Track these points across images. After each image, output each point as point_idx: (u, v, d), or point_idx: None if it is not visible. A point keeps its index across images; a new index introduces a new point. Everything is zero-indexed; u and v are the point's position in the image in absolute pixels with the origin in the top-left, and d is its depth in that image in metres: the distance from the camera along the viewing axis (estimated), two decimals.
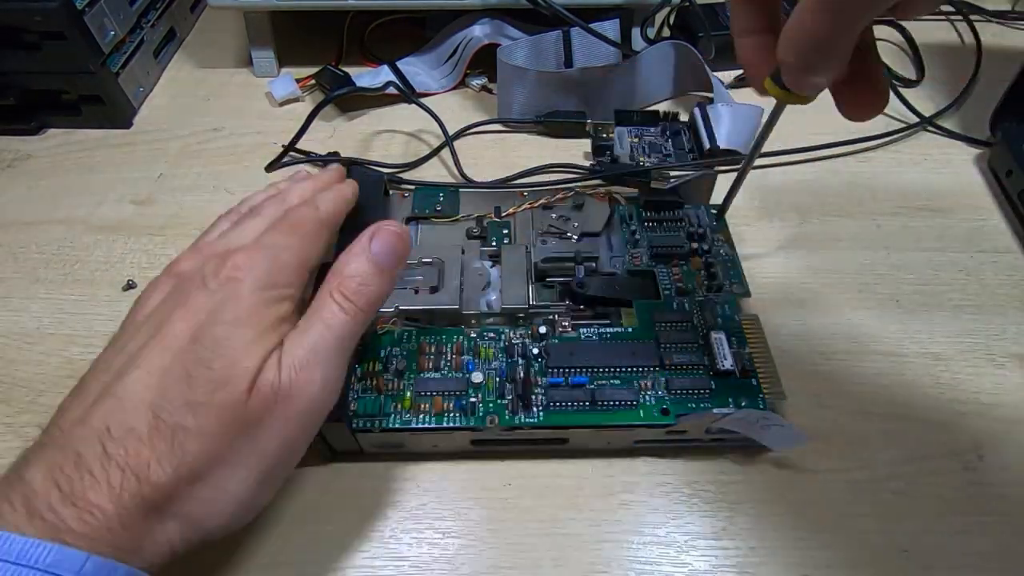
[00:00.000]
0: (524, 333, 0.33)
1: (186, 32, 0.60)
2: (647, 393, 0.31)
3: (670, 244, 0.37)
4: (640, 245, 0.38)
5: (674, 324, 0.33)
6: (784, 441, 0.31)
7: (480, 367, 0.32)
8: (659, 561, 0.29)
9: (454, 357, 0.32)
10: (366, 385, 0.31)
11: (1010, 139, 0.45)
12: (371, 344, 0.32)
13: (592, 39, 0.47)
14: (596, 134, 0.47)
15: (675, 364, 0.32)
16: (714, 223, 0.38)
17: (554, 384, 0.31)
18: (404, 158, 0.47)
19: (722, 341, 0.32)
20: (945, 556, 0.29)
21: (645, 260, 0.37)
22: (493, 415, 0.30)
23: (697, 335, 0.33)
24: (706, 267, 0.36)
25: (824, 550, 0.30)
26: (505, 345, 0.33)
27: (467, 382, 0.31)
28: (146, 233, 0.43)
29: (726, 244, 0.38)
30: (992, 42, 0.57)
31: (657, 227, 0.38)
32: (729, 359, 0.31)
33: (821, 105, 0.28)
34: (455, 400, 0.31)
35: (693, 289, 0.35)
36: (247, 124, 0.51)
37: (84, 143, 0.49)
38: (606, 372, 0.32)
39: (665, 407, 0.30)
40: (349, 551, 0.30)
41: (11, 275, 0.41)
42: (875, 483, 0.32)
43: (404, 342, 0.33)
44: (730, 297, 0.35)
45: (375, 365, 0.32)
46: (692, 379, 0.31)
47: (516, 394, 0.31)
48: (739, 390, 0.31)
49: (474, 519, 0.31)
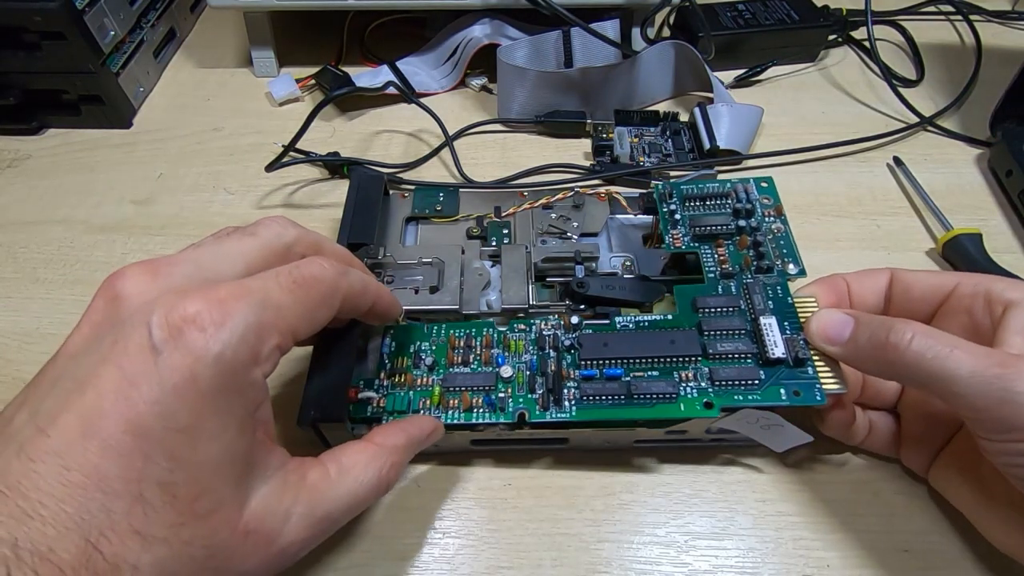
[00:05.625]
0: (556, 324, 0.32)
1: (186, 32, 0.60)
2: (688, 385, 0.29)
3: (714, 223, 0.34)
4: (680, 225, 0.35)
5: (719, 310, 0.31)
6: (784, 441, 0.31)
7: (510, 360, 0.31)
8: (659, 561, 0.29)
9: (483, 351, 0.31)
10: (395, 381, 0.30)
11: (1010, 139, 0.45)
12: (399, 338, 0.32)
13: (592, 39, 0.47)
14: (596, 134, 0.47)
15: (719, 353, 0.29)
16: (762, 199, 0.36)
17: (587, 377, 0.30)
18: (404, 158, 0.47)
19: (772, 326, 0.30)
20: (945, 556, 0.29)
21: (686, 241, 0.35)
22: (523, 410, 0.29)
23: (745, 321, 0.31)
24: (754, 246, 0.34)
25: (824, 550, 0.30)
26: (536, 337, 0.31)
27: (496, 376, 0.30)
28: (146, 233, 0.43)
29: (778, 218, 0.35)
30: (992, 42, 0.57)
31: (700, 205, 0.36)
32: (780, 346, 0.29)
33: (821, 106, 0.28)
34: (484, 396, 0.30)
35: (740, 270, 0.33)
36: (247, 124, 0.51)
37: (84, 143, 0.49)
38: (643, 363, 0.30)
39: (708, 400, 0.28)
40: (349, 551, 0.30)
41: (11, 275, 0.41)
42: (875, 483, 0.32)
43: (434, 335, 0.32)
44: (782, 278, 0.32)
45: (404, 361, 0.31)
46: (738, 368, 0.29)
47: (547, 388, 0.29)
48: (792, 380, 0.29)
49: (474, 519, 0.31)
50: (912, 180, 0.45)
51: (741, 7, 0.54)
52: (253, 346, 0.19)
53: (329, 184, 0.46)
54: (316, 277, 0.22)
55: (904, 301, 0.30)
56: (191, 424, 0.18)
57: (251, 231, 0.23)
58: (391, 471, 0.24)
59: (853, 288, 0.31)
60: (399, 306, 0.29)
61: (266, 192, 0.46)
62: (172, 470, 0.18)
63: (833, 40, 0.57)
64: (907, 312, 0.29)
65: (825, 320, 0.28)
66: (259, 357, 0.20)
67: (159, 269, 0.21)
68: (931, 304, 0.29)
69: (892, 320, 0.25)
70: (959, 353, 0.23)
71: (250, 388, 0.19)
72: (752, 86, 0.54)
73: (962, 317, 0.28)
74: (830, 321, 0.28)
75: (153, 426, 0.17)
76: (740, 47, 0.53)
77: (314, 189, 0.46)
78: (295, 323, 0.21)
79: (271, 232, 0.24)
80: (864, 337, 0.26)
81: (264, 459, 0.21)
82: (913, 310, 0.29)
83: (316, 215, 0.44)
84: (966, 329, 0.27)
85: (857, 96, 0.53)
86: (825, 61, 0.56)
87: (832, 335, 0.28)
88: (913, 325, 0.25)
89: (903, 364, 0.24)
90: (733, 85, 0.53)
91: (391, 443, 0.25)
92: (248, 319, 0.19)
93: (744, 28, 0.53)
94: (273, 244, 0.23)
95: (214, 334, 0.18)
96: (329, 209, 0.44)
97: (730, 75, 0.53)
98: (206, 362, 0.18)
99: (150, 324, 0.18)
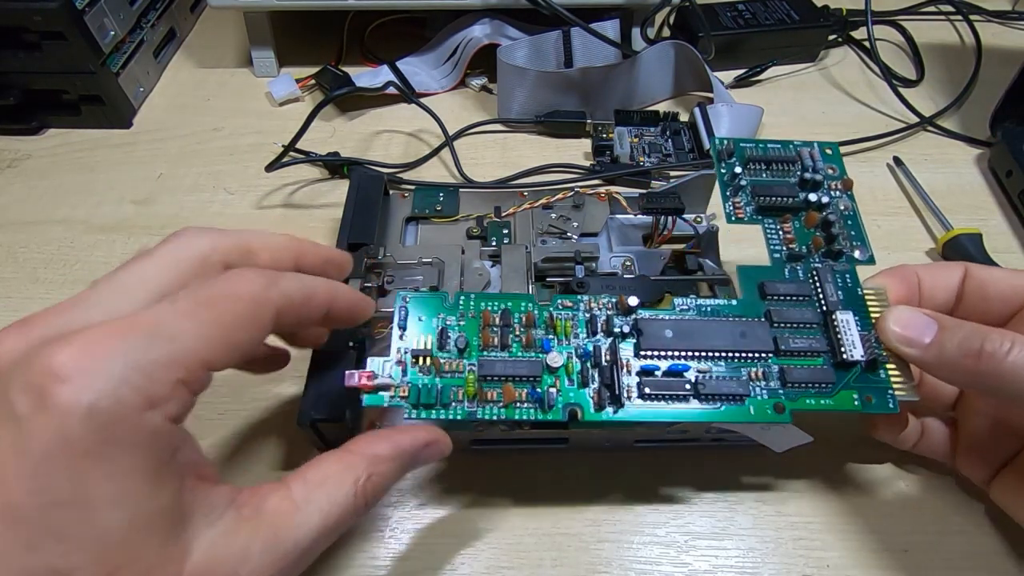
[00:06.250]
0: (608, 303, 0.27)
1: (186, 32, 0.60)
2: (758, 384, 0.26)
3: (781, 194, 0.30)
4: (743, 192, 0.31)
5: (788, 298, 0.28)
6: (784, 441, 0.31)
7: (557, 345, 0.26)
8: (659, 561, 0.29)
9: (525, 331, 0.26)
10: (420, 366, 0.25)
11: (1010, 139, 0.45)
12: (418, 310, 0.26)
13: (592, 39, 0.47)
14: (596, 134, 0.48)
15: (792, 351, 0.26)
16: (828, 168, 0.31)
17: (647, 371, 0.26)
18: (404, 158, 0.47)
19: (850, 324, 0.26)
20: (945, 556, 0.29)
21: (749, 213, 0.30)
22: (575, 407, 0.25)
23: (817, 313, 0.27)
24: (824, 225, 0.30)
25: (824, 550, 0.30)
26: (586, 318, 0.27)
27: (543, 365, 0.25)
28: (146, 233, 0.43)
29: (845, 194, 0.31)
30: (992, 42, 0.57)
31: (765, 170, 0.31)
32: (859, 348, 0.26)
33: (821, 106, 0.28)
34: (528, 388, 0.25)
35: (809, 253, 0.29)
36: (247, 124, 0.51)
37: (84, 143, 0.49)
38: (710, 357, 0.26)
39: (780, 403, 0.26)
40: (349, 551, 0.30)
41: (11, 275, 0.41)
42: (875, 483, 0.32)
43: (461, 306, 0.27)
44: (851, 264, 0.29)
45: (427, 340, 0.26)
46: (811, 370, 0.26)
47: (603, 383, 0.25)
48: (863, 384, 0.26)
49: (474, 519, 0.31)
50: (912, 180, 0.45)
51: (741, 7, 0.54)
52: (141, 388, 0.16)
53: (329, 184, 0.46)
54: (228, 293, 0.19)
55: (978, 300, 0.28)
56: (77, 494, 0.15)
57: (152, 250, 0.21)
58: (371, 484, 0.21)
59: (925, 282, 0.28)
60: (368, 304, 0.26)
61: (266, 192, 0.46)
62: (66, 553, 0.15)
63: (833, 40, 0.57)
64: (980, 312, 0.27)
65: (906, 319, 0.25)
66: (153, 399, 0.16)
67: (34, 323, 0.18)
68: (1010, 307, 0.27)
69: (986, 328, 0.24)
70: None
71: (151, 436, 0.16)
72: (752, 86, 0.54)
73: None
74: (912, 321, 0.25)
75: (28, 506, 0.15)
76: (740, 47, 0.53)
77: (314, 189, 0.46)
78: (203, 352, 0.18)
79: (176, 247, 0.21)
80: (952, 343, 0.24)
81: (204, 502, 0.18)
82: (988, 311, 0.27)
83: (316, 215, 0.44)
84: None
85: (857, 96, 0.53)
86: (825, 61, 0.56)
87: (913, 337, 0.25)
88: (1012, 335, 0.23)
89: (997, 375, 0.23)
90: (733, 85, 0.53)
91: (372, 451, 0.21)
92: (128, 358, 0.16)
93: (744, 28, 0.53)
94: (181, 261, 0.20)
95: (83, 383, 0.15)
96: (329, 209, 0.44)
97: (730, 75, 0.53)
98: (77, 418, 0.15)
99: (9, 388, 0.15)
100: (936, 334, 0.25)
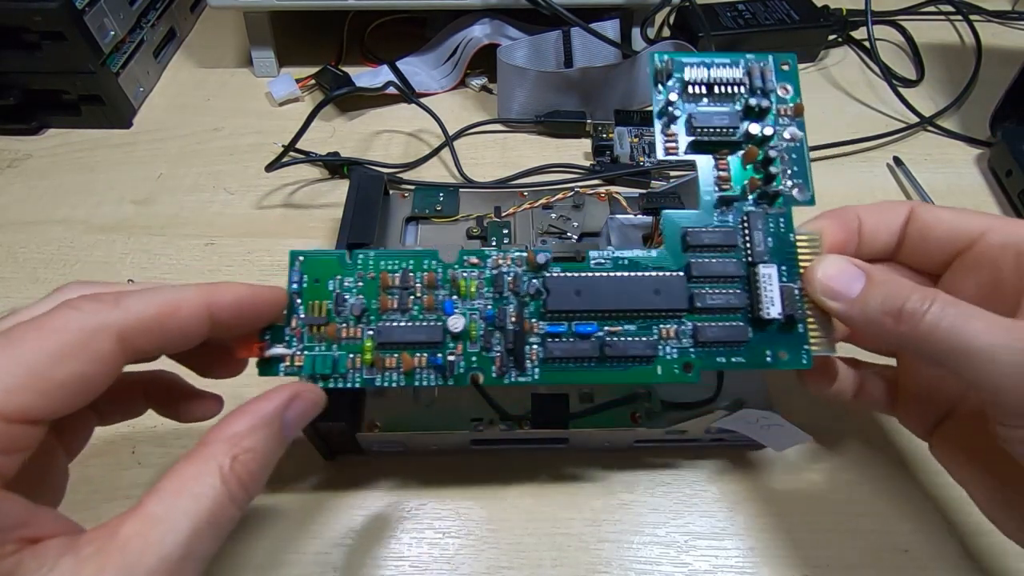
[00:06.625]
0: (517, 258, 0.25)
1: (186, 32, 0.60)
2: (668, 343, 0.25)
3: (720, 126, 0.26)
4: (677, 122, 0.27)
5: (713, 249, 0.25)
6: (784, 441, 0.31)
7: (460, 307, 0.25)
8: (659, 561, 0.29)
9: (426, 293, 0.25)
10: (314, 334, 0.24)
11: (1010, 139, 0.45)
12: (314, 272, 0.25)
13: (592, 39, 0.47)
14: (596, 134, 0.48)
15: (708, 307, 0.25)
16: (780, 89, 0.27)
17: (553, 333, 0.25)
18: (404, 158, 0.47)
19: (771, 278, 0.25)
20: (945, 556, 0.29)
21: (683, 148, 0.27)
22: (477, 372, 0.24)
23: (741, 264, 0.25)
24: (763, 163, 0.26)
25: (824, 550, 0.30)
26: (492, 276, 0.25)
27: (443, 330, 0.24)
28: (146, 233, 0.43)
29: (795, 121, 0.27)
30: (992, 42, 0.57)
31: (706, 95, 0.27)
32: (777, 305, 0.24)
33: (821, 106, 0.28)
34: (428, 354, 0.24)
35: (742, 195, 0.26)
36: (247, 124, 0.51)
37: (84, 143, 0.49)
38: (619, 317, 0.25)
39: (688, 362, 0.25)
40: (349, 551, 0.30)
41: (11, 275, 0.41)
42: (875, 483, 0.32)
43: (359, 266, 0.25)
44: (787, 206, 0.26)
45: (322, 307, 0.24)
46: (726, 327, 0.25)
47: (505, 348, 0.24)
48: (779, 341, 0.25)
49: (474, 519, 0.31)
50: (912, 180, 0.45)
51: (741, 7, 0.54)
52: None
53: (329, 184, 0.46)
54: (40, 327, 0.17)
55: (918, 243, 0.26)
56: None
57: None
58: (240, 464, 0.19)
59: (866, 225, 0.26)
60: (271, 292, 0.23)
61: (266, 192, 0.46)
62: None
63: (833, 40, 0.57)
64: (919, 257, 0.26)
65: (832, 270, 0.24)
66: None
67: None
68: (949, 251, 0.25)
69: (911, 286, 0.22)
70: (977, 324, 0.20)
71: None
72: None
73: (985, 272, 0.24)
74: (838, 272, 0.24)
75: None
76: (740, 47, 0.53)
77: (314, 189, 0.46)
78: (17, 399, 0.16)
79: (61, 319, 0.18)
80: (876, 300, 0.22)
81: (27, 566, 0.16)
82: (928, 255, 0.26)
83: (316, 215, 0.44)
84: (987, 287, 0.24)
85: (857, 96, 0.53)
86: (825, 61, 0.56)
87: (839, 289, 0.23)
88: (933, 294, 0.21)
89: (914, 338, 0.21)
90: None
91: (229, 433, 0.19)
92: None
93: (744, 28, 0.53)
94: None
95: None
96: (329, 209, 0.44)
97: None
98: None
99: None
100: (863, 289, 0.23)
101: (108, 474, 0.31)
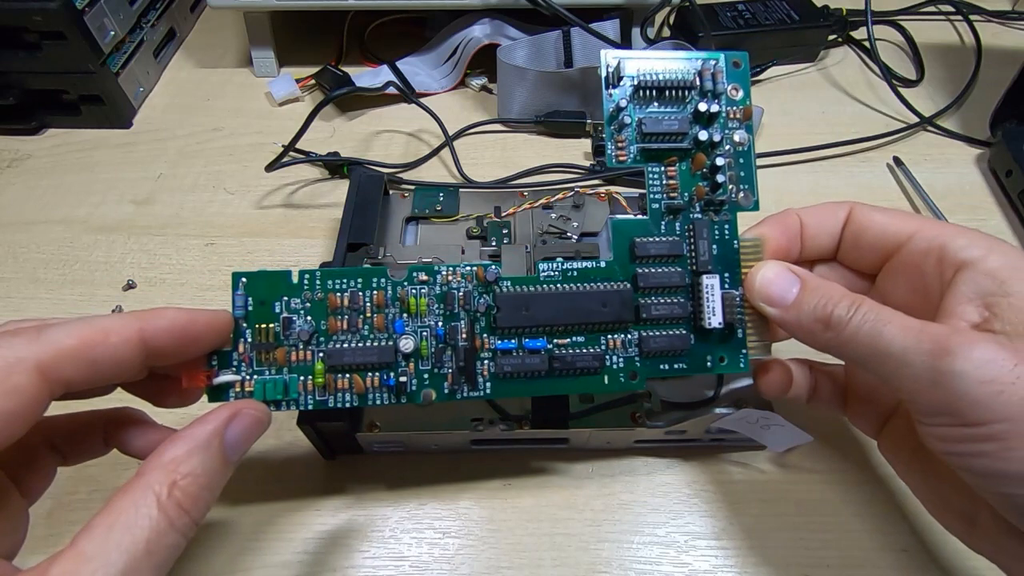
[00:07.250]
0: (467, 274, 0.25)
1: (186, 32, 0.60)
2: (615, 353, 0.25)
3: (670, 132, 0.26)
4: (628, 128, 0.26)
5: (660, 259, 0.26)
6: (784, 441, 0.31)
7: (410, 326, 0.25)
8: (659, 561, 0.29)
9: (376, 313, 0.25)
10: (263, 358, 0.24)
11: (1010, 139, 0.45)
12: (259, 294, 0.24)
13: (592, 39, 0.47)
14: (596, 134, 0.48)
15: (653, 317, 0.25)
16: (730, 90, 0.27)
17: (504, 350, 0.25)
18: (404, 158, 0.47)
19: (713, 289, 0.25)
20: (945, 556, 0.29)
21: (633, 154, 0.26)
22: (429, 391, 0.25)
23: (685, 273, 0.26)
24: (711, 171, 0.26)
25: (824, 550, 0.30)
26: (442, 293, 0.25)
27: (394, 351, 0.24)
28: (146, 233, 0.43)
29: (743, 126, 0.27)
30: (992, 42, 0.57)
31: (656, 99, 0.26)
32: (718, 315, 0.25)
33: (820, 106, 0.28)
34: (380, 375, 0.24)
35: (689, 203, 0.26)
36: (247, 124, 0.51)
37: (84, 143, 0.49)
38: (568, 331, 0.25)
39: (634, 371, 0.25)
40: (349, 551, 0.30)
41: (11, 275, 0.41)
42: (875, 483, 0.32)
43: (306, 287, 0.24)
44: (732, 213, 0.26)
45: (269, 331, 0.24)
46: (669, 337, 0.25)
47: (457, 365, 0.25)
48: (719, 346, 0.26)
49: (474, 519, 0.31)
50: (912, 180, 0.45)
51: (741, 7, 0.54)
52: None
53: (329, 184, 0.46)
54: None
55: (853, 247, 0.26)
56: None
57: None
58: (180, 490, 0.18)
59: (807, 228, 0.27)
60: (215, 317, 0.22)
61: (266, 192, 0.46)
62: None
63: (833, 40, 0.57)
64: (855, 258, 0.26)
65: (769, 277, 0.24)
66: None
67: None
68: (881, 253, 0.26)
69: (840, 293, 0.22)
70: (892, 328, 0.21)
71: None
72: (752, 86, 0.54)
73: (911, 275, 0.25)
74: (775, 279, 0.24)
75: None
76: (740, 47, 0.53)
77: (314, 189, 0.46)
78: None
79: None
80: (808, 305, 0.23)
81: None
82: (862, 257, 0.26)
83: (316, 215, 0.44)
84: (914, 291, 0.24)
85: (857, 96, 0.53)
86: (825, 61, 0.56)
87: (775, 295, 0.24)
88: (859, 301, 0.22)
89: (838, 344, 0.22)
90: None
91: (166, 458, 0.19)
92: None
93: (744, 28, 0.53)
94: None
95: None
96: (329, 209, 0.44)
97: None
98: None
99: None
100: (797, 294, 0.24)
101: (109, 474, 0.31)
